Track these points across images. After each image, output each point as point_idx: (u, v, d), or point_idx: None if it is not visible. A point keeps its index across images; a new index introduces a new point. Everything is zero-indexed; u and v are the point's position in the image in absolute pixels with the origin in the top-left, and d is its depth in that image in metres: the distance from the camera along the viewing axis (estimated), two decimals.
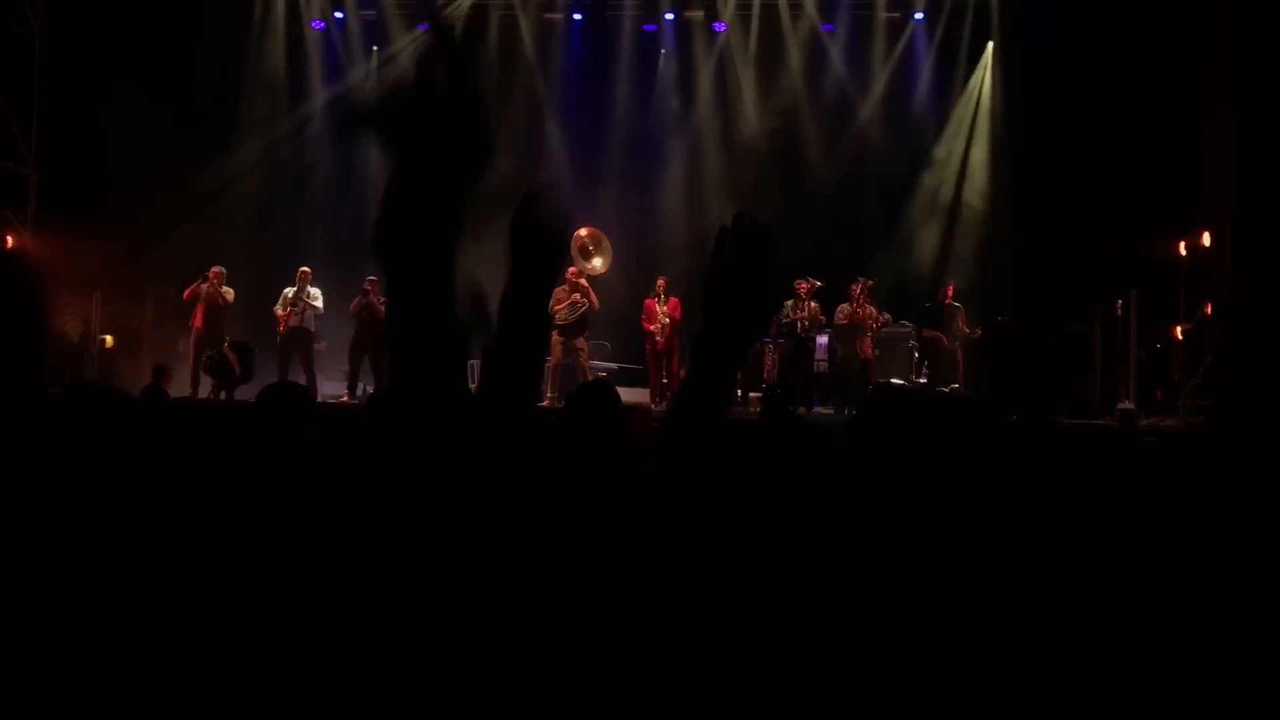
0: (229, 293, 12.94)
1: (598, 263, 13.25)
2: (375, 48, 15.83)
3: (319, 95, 15.65)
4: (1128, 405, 11.21)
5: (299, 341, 12.89)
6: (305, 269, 13.09)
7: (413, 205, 1.07)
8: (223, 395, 11.50)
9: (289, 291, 12.98)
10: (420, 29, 15.61)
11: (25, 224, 13.39)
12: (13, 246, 11.28)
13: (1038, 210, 13.64)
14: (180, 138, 13.59)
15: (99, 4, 13.17)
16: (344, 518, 2.80)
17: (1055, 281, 13.05)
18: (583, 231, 13.42)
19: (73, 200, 13.23)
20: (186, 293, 12.81)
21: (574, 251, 13.26)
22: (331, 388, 13.41)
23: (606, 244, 13.43)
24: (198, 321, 12.71)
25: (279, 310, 12.89)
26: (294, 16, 15.73)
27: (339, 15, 15.73)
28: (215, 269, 12.89)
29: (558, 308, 12.62)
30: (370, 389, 12.16)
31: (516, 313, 1.64)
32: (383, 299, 12.79)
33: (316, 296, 13.05)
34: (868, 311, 12.37)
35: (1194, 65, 11.97)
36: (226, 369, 11.68)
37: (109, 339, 13.70)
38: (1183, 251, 11.84)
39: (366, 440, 4.26)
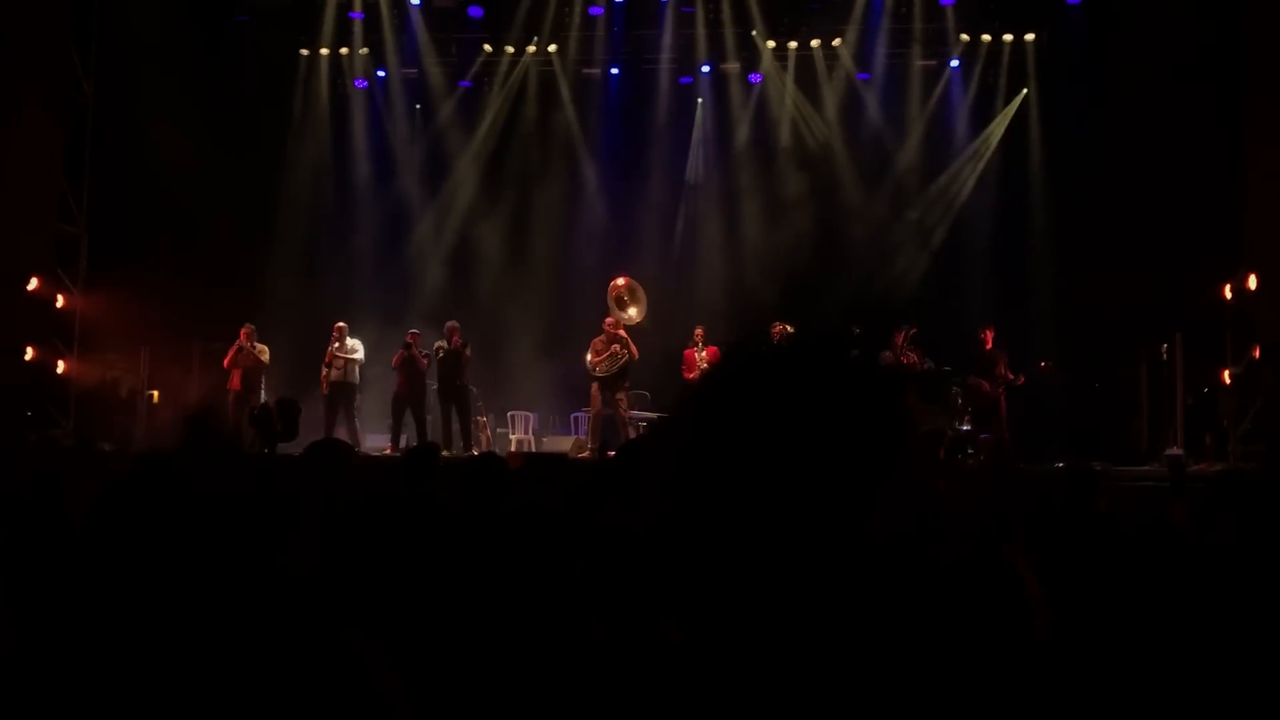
0: (263, 350, 13.04)
1: (633, 312, 13.31)
2: (418, 105, 16.11)
3: (363, 153, 15.96)
4: (1176, 450, 11.04)
5: (343, 395, 13.00)
6: (341, 324, 13.21)
7: None
8: (264, 450, 11.59)
9: (334, 346, 13.09)
10: (462, 85, 15.89)
11: (76, 283, 13.67)
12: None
13: (1080, 254, 13.55)
14: (226, 198, 13.86)
15: (150, 68, 13.50)
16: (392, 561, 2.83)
17: (1099, 326, 12.94)
18: (619, 281, 13.50)
19: (121, 259, 13.51)
20: (226, 360, 12.88)
21: (610, 302, 13.34)
22: (375, 440, 13.52)
23: (641, 293, 13.49)
24: (235, 384, 12.79)
25: (328, 368, 12.99)
26: (337, 76, 16.07)
27: (381, 74, 16.03)
28: (245, 327, 12.97)
29: (597, 360, 12.66)
30: (413, 442, 12.24)
31: None
32: (424, 353, 13.00)
33: (355, 348, 13.15)
34: (911, 359, 12.28)
35: (1235, 104, 11.91)
36: (268, 423, 11.77)
37: (155, 394, 13.91)
38: (1228, 295, 11.71)
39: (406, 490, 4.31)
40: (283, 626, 1.40)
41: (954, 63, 15.27)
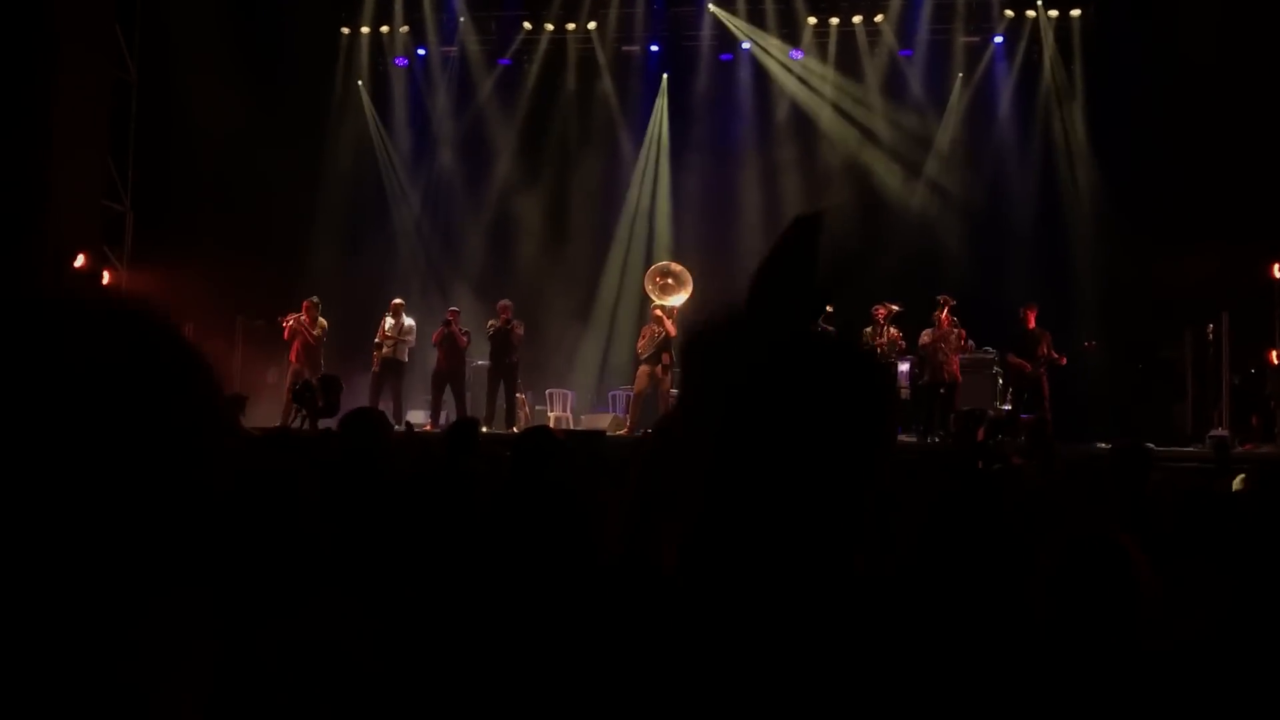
0: (322, 324, 13.10)
1: (678, 298, 13.16)
2: (458, 83, 16.14)
3: (404, 130, 16.03)
4: (1221, 431, 10.91)
5: (392, 372, 13.06)
6: (398, 300, 13.27)
7: None
8: (305, 425, 11.67)
9: (388, 323, 13.16)
10: (502, 63, 15.90)
11: (122, 260, 13.85)
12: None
13: (1124, 233, 13.38)
14: (269, 175, 13.93)
15: (193, 48, 13.59)
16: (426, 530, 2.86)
17: (1143, 305, 12.78)
18: (657, 278, 13.40)
19: (166, 236, 13.66)
20: (286, 332, 12.92)
21: (651, 290, 13.29)
22: (415, 416, 13.60)
23: (686, 276, 13.36)
24: (294, 356, 12.83)
25: (377, 348, 13.02)
26: (378, 54, 16.12)
27: (421, 52, 16.07)
28: (307, 300, 13.05)
29: (641, 342, 12.70)
30: (452, 417, 12.30)
31: None
32: (464, 330, 13.01)
33: (411, 329, 13.20)
34: (952, 332, 12.10)
35: None
36: (311, 399, 11.84)
37: None
38: (1276, 273, 11.53)
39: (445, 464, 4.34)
40: None
41: (998, 39, 15.07)
